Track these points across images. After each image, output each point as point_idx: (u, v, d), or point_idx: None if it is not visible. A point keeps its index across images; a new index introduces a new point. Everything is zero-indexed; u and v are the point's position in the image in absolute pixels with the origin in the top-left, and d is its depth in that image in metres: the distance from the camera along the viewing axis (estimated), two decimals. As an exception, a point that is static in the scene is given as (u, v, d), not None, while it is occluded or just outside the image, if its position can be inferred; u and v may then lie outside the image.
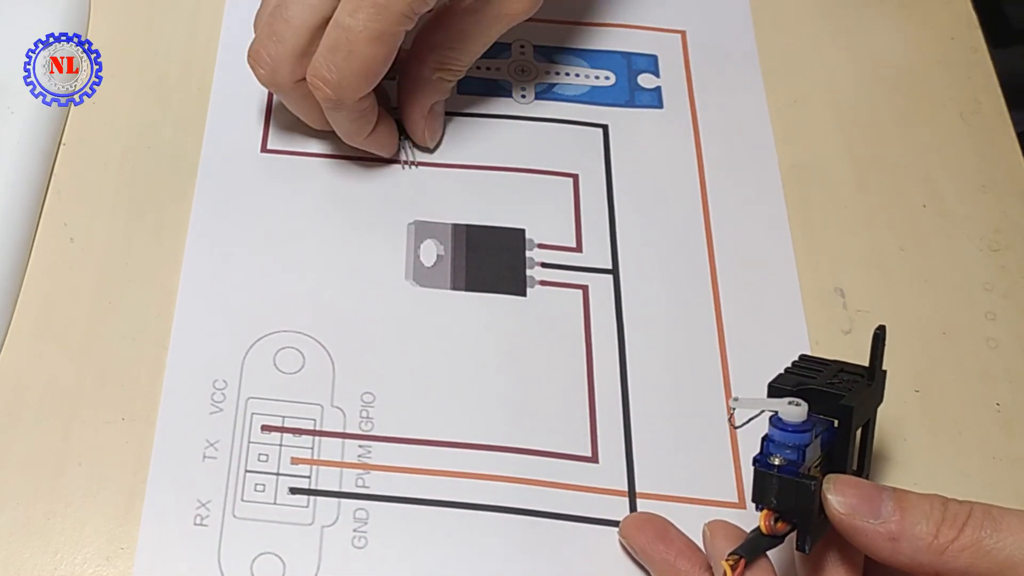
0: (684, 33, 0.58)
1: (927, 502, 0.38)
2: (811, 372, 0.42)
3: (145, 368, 0.47)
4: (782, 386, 0.41)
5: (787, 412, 0.39)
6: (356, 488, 0.45)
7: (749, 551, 0.39)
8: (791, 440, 0.39)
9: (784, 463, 0.39)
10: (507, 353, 0.48)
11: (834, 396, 0.40)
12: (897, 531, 0.37)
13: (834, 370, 0.43)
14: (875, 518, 0.38)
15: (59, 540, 0.43)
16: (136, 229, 0.51)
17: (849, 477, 0.39)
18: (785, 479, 0.39)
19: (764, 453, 0.40)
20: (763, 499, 0.39)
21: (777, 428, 0.40)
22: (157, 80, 0.55)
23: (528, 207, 0.52)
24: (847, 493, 0.38)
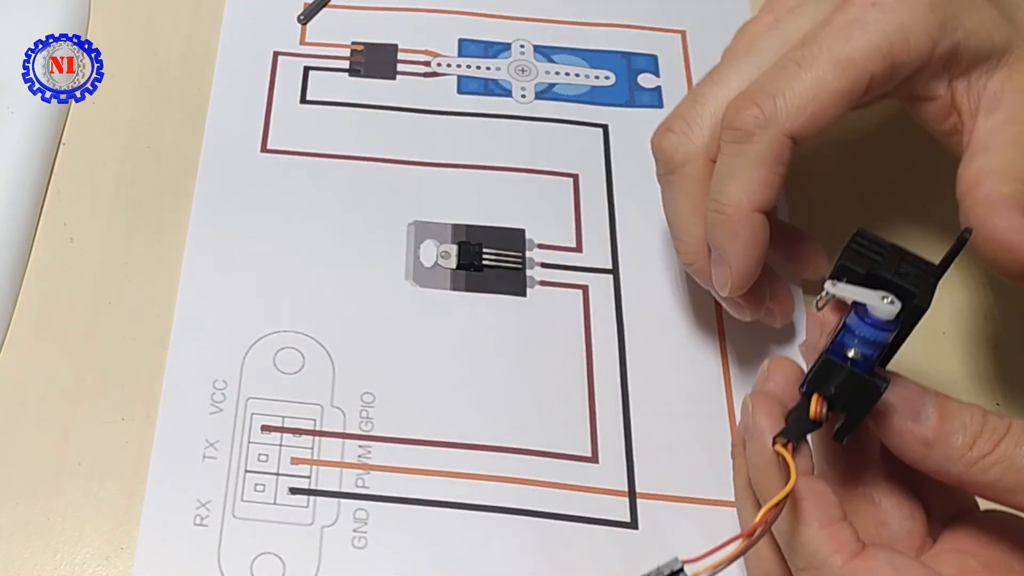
0: (684, 33, 0.58)
1: (968, 412, 0.37)
2: (875, 255, 0.39)
3: (145, 368, 0.47)
4: (854, 267, 0.39)
5: (879, 308, 0.37)
6: (356, 488, 0.45)
7: (796, 435, 0.38)
8: (873, 336, 0.37)
9: (859, 358, 0.37)
10: (507, 353, 0.48)
11: (906, 292, 0.38)
12: (933, 438, 0.37)
13: (896, 257, 0.39)
14: (913, 420, 0.37)
15: (59, 540, 0.43)
16: (136, 229, 0.51)
17: (900, 377, 0.38)
18: (856, 374, 0.37)
19: (839, 343, 0.37)
20: (820, 386, 0.37)
21: (862, 320, 0.37)
22: (157, 80, 0.55)
23: (528, 207, 0.52)
24: (895, 394, 0.37)
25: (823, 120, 0.42)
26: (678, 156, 0.44)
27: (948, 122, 0.45)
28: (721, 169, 0.43)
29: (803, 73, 0.42)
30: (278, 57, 0.56)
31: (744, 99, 0.42)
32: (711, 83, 0.45)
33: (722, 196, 0.43)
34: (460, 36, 0.58)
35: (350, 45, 0.57)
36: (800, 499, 0.37)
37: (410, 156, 0.53)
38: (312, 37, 0.57)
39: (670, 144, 0.45)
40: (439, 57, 0.57)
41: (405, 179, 0.53)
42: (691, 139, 0.44)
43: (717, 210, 0.43)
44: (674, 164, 0.45)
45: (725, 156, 0.43)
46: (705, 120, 0.44)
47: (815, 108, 0.42)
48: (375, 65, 0.56)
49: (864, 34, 0.42)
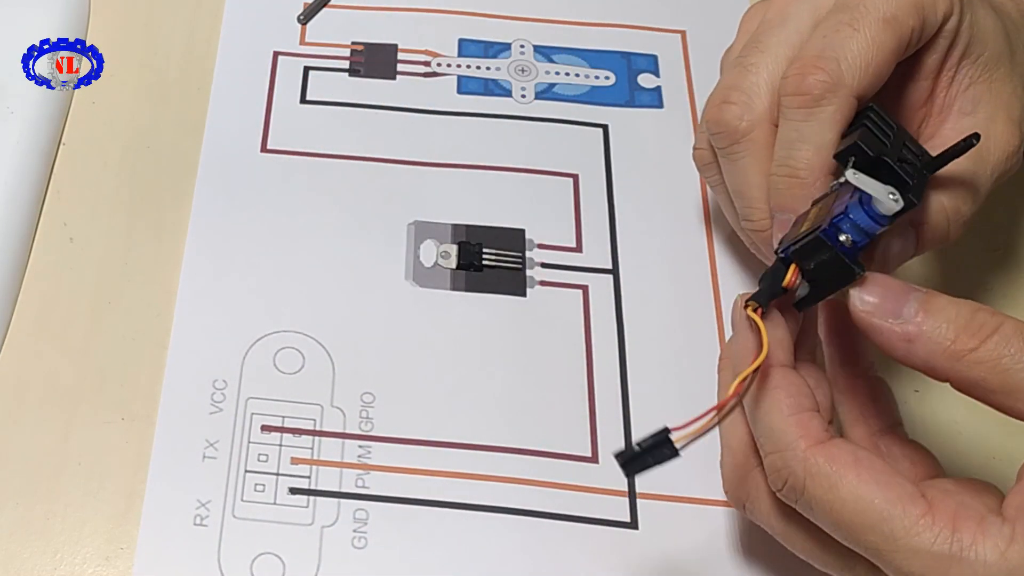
0: (684, 33, 0.58)
1: (955, 307, 0.36)
2: (883, 135, 0.41)
3: (145, 368, 0.47)
4: (867, 148, 0.40)
5: (884, 203, 0.38)
6: (356, 488, 0.45)
7: (765, 299, 0.39)
8: (868, 226, 0.38)
9: (849, 244, 0.38)
10: (507, 353, 0.48)
11: (903, 182, 0.39)
12: (915, 333, 0.36)
13: (900, 140, 0.41)
14: (895, 317, 0.37)
15: (59, 540, 0.43)
16: (136, 229, 0.51)
17: (883, 276, 0.38)
18: (839, 257, 0.38)
19: (834, 226, 0.38)
20: (803, 259, 0.39)
21: (863, 209, 0.38)
22: (157, 80, 0.55)
23: (528, 207, 0.52)
24: (874, 292, 0.37)
25: (882, 78, 0.43)
26: (743, 124, 0.44)
27: (917, 114, 0.45)
28: (789, 134, 0.43)
29: (858, 35, 0.42)
30: (278, 57, 0.56)
31: (806, 64, 0.43)
32: (757, 52, 0.45)
33: (793, 160, 0.43)
34: (460, 36, 0.58)
35: (350, 45, 0.57)
36: (773, 387, 0.38)
37: (410, 156, 0.53)
38: (312, 37, 0.57)
39: (732, 115, 0.45)
40: (439, 57, 0.57)
41: (405, 179, 0.53)
42: (753, 107, 0.44)
43: (790, 174, 0.43)
44: (739, 133, 0.45)
45: (793, 121, 0.43)
46: (762, 87, 0.44)
47: (875, 67, 0.42)
48: (375, 65, 0.56)
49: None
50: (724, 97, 0.45)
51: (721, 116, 0.45)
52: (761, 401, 0.38)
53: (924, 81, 0.45)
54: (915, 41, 0.43)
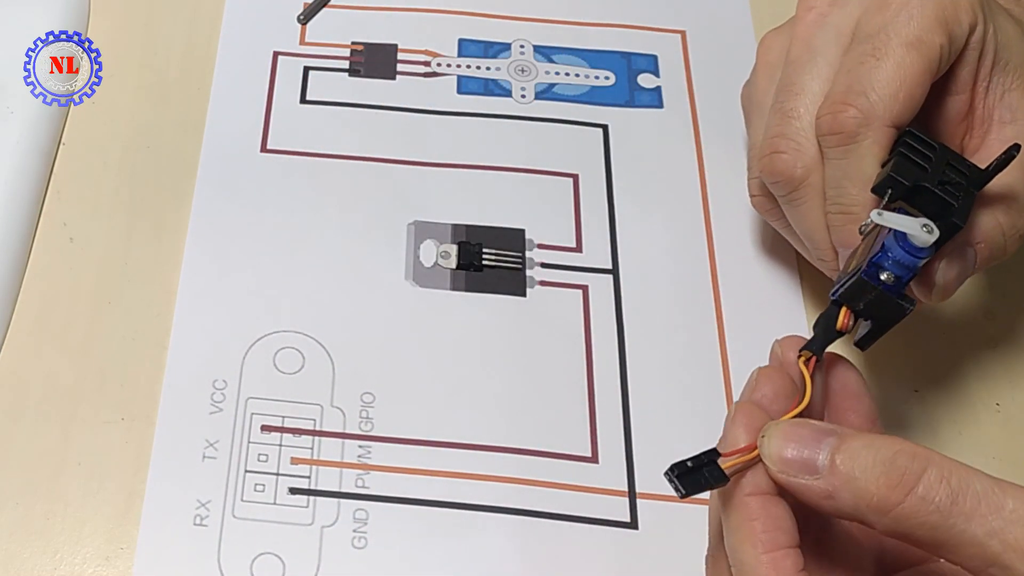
0: (684, 33, 0.58)
1: (871, 453, 0.34)
2: (922, 159, 0.40)
3: (145, 368, 0.47)
4: (901, 179, 0.40)
5: (918, 237, 0.38)
6: (356, 488, 0.45)
7: (820, 346, 0.39)
8: (907, 261, 0.38)
9: (891, 280, 0.38)
10: (507, 353, 0.48)
11: (943, 203, 0.39)
12: (831, 488, 0.34)
13: (942, 160, 0.41)
14: (810, 474, 0.35)
15: (59, 540, 0.43)
16: (136, 229, 0.51)
17: (790, 424, 0.36)
18: (885, 296, 0.38)
19: (874, 263, 0.38)
20: (851, 301, 0.39)
21: (900, 245, 0.38)
22: (157, 80, 0.55)
23: (528, 207, 0.52)
24: (782, 449, 0.35)
25: (914, 101, 0.42)
26: (799, 171, 0.44)
27: (959, 129, 0.45)
28: (834, 173, 0.43)
29: (882, 64, 0.42)
30: (278, 57, 0.56)
31: (835, 103, 0.43)
32: (793, 95, 0.45)
33: (843, 198, 0.43)
34: (460, 36, 0.58)
35: (350, 45, 0.57)
36: (752, 519, 0.36)
37: (410, 156, 0.53)
38: (312, 37, 0.57)
39: (786, 164, 0.44)
40: (439, 57, 0.57)
41: (405, 179, 0.53)
42: (804, 152, 0.44)
43: (842, 211, 0.43)
44: (796, 180, 0.45)
45: (834, 160, 0.43)
46: (808, 131, 0.44)
47: (905, 93, 0.42)
48: (375, 65, 0.56)
49: (922, 9, 0.42)
50: (773, 147, 0.45)
51: (775, 167, 0.45)
52: (737, 529, 0.36)
53: (960, 95, 0.44)
54: (946, 58, 0.43)
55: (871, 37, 0.43)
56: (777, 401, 0.38)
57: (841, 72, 0.43)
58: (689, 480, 0.36)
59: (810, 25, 0.46)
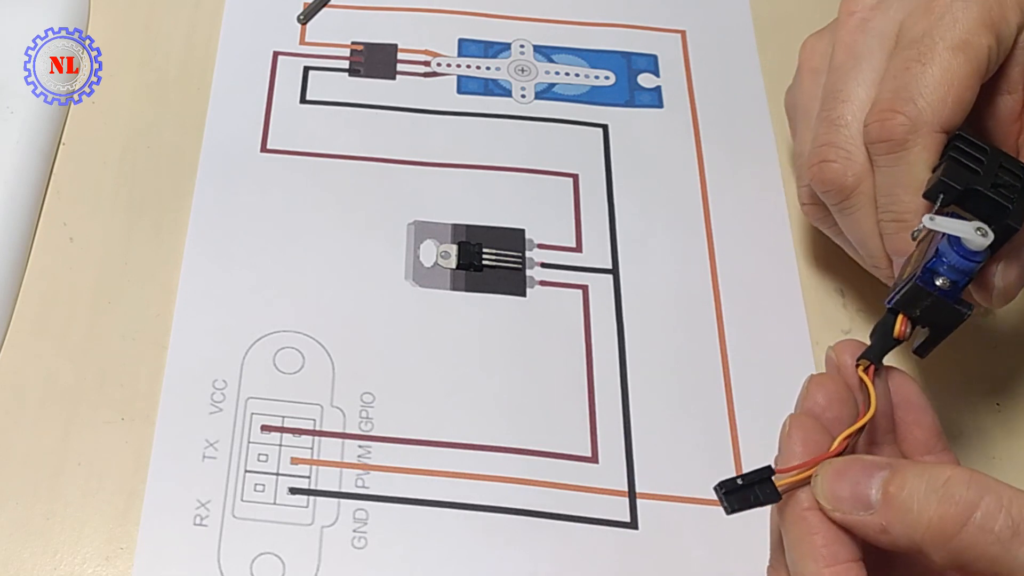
0: (684, 33, 0.58)
1: (923, 482, 0.33)
2: (973, 163, 0.40)
3: (145, 368, 0.47)
4: (952, 183, 0.39)
5: (972, 240, 0.38)
6: (356, 488, 0.45)
7: (878, 354, 0.38)
8: (962, 265, 0.38)
9: (947, 285, 0.38)
10: (507, 353, 0.48)
11: (997, 205, 0.39)
12: (885, 522, 0.34)
13: (994, 162, 0.40)
14: (865, 509, 0.34)
15: (58, 540, 0.43)
16: (135, 229, 0.51)
17: (840, 463, 0.35)
18: (942, 301, 0.38)
19: (929, 269, 0.38)
20: (907, 308, 0.38)
21: (954, 250, 0.38)
22: (157, 79, 0.55)
23: (528, 207, 0.52)
24: (836, 486, 0.35)
25: (963, 105, 0.42)
26: (849, 180, 0.44)
27: (1012, 129, 0.44)
28: (885, 180, 0.43)
29: (929, 68, 0.42)
30: (278, 57, 0.56)
31: (883, 110, 0.42)
32: (840, 102, 0.45)
33: (895, 205, 0.43)
34: (460, 36, 0.58)
35: (350, 45, 0.57)
36: (812, 533, 0.36)
37: (410, 156, 0.53)
38: (312, 37, 0.57)
39: (836, 173, 0.44)
40: (439, 57, 0.57)
41: (405, 179, 0.53)
42: (854, 160, 0.44)
43: (895, 219, 0.43)
44: (848, 188, 0.44)
45: (885, 168, 0.43)
46: (857, 139, 0.44)
47: (954, 97, 0.42)
48: (375, 65, 0.56)
49: (967, 11, 0.42)
50: (823, 156, 0.45)
51: (825, 175, 0.44)
52: (798, 543, 0.36)
53: (1012, 95, 0.44)
54: (995, 59, 0.42)
55: (916, 42, 0.43)
56: (831, 408, 0.37)
57: (887, 78, 0.43)
58: (737, 497, 0.36)
59: (853, 30, 0.46)
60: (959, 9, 0.42)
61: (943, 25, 0.42)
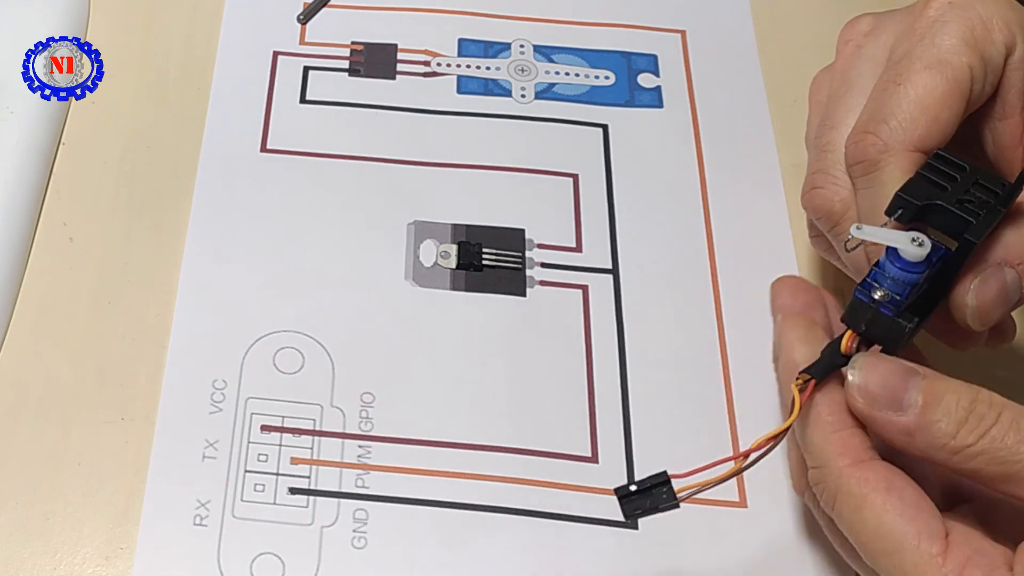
0: (684, 33, 0.58)
1: (955, 396, 0.36)
2: (944, 180, 0.39)
3: (145, 368, 0.47)
4: (910, 198, 0.39)
5: (908, 251, 0.37)
6: (356, 488, 0.45)
7: (821, 371, 0.38)
8: (901, 277, 0.37)
9: (886, 298, 0.37)
10: (507, 353, 0.48)
11: (961, 221, 0.38)
12: (914, 427, 0.36)
13: (969, 180, 0.39)
14: (894, 410, 0.37)
15: (58, 540, 0.43)
16: (135, 229, 0.51)
17: (877, 360, 0.37)
18: (882, 315, 0.37)
19: (868, 281, 0.38)
20: (852, 322, 0.38)
21: (891, 261, 0.37)
22: (157, 80, 0.55)
23: (528, 207, 0.52)
24: (870, 381, 0.37)
25: (941, 124, 0.42)
26: (837, 206, 0.44)
27: (1016, 152, 0.44)
28: (864, 202, 0.43)
29: (903, 88, 0.42)
30: (278, 57, 0.56)
31: (858, 132, 0.43)
32: (829, 129, 0.45)
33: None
34: (460, 36, 0.58)
35: (350, 45, 0.57)
36: (816, 404, 0.38)
37: (410, 156, 0.53)
38: (312, 37, 0.57)
39: (824, 199, 0.44)
40: (439, 57, 0.57)
41: (405, 179, 0.53)
42: (840, 186, 0.44)
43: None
44: (837, 214, 0.44)
45: (863, 190, 0.43)
46: (844, 164, 0.44)
47: (928, 116, 0.42)
48: (375, 65, 0.56)
49: (946, 31, 0.42)
50: (812, 183, 0.45)
51: (815, 202, 0.45)
52: (806, 416, 0.38)
53: (1011, 119, 0.44)
54: (980, 78, 0.42)
55: (896, 63, 0.43)
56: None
57: (868, 101, 0.43)
58: (633, 504, 0.37)
59: (848, 58, 0.46)
60: (939, 29, 0.42)
61: (922, 45, 0.42)
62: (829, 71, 0.47)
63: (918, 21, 0.43)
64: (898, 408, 0.37)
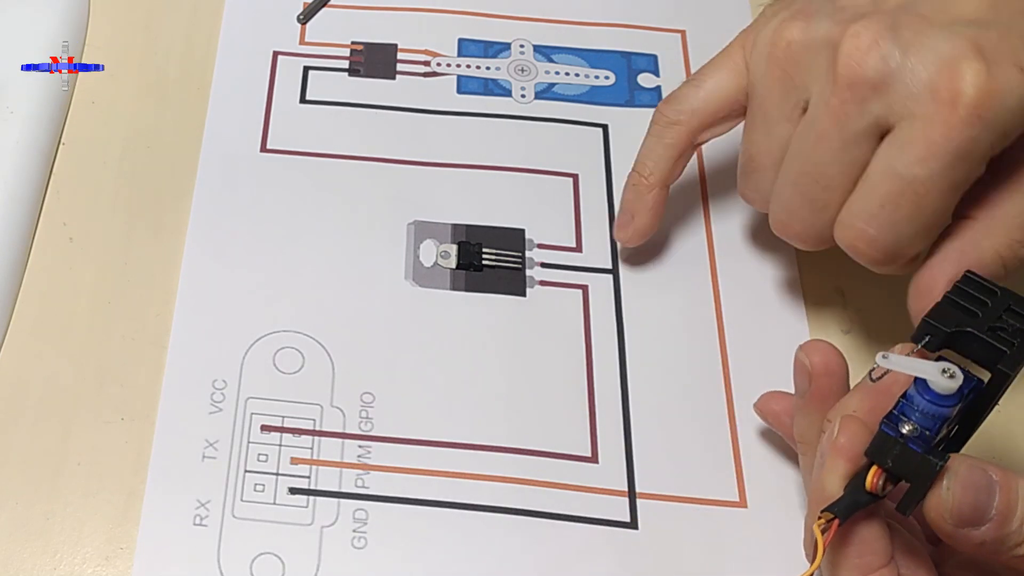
0: (684, 33, 0.58)
1: (1022, 501, 0.35)
2: (974, 305, 0.37)
3: (145, 368, 0.47)
4: (938, 324, 0.36)
5: (938, 383, 0.34)
6: (355, 488, 0.45)
7: (845, 511, 0.36)
8: (931, 411, 0.35)
9: (915, 432, 0.35)
10: (507, 353, 0.48)
11: (994, 351, 0.35)
12: (990, 539, 0.35)
13: (1001, 305, 0.37)
14: (977, 526, 0.35)
15: (58, 540, 0.43)
16: (135, 229, 0.51)
17: (970, 474, 0.35)
18: (910, 451, 0.35)
19: (896, 414, 0.35)
20: (878, 458, 0.35)
21: (920, 394, 0.35)
22: (157, 80, 0.55)
23: (528, 207, 0.52)
24: (964, 502, 0.35)
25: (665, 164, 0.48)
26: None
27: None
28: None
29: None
30: (278, 57, 0.56)
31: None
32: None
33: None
34: (460, 36, 0.58)
35: (350, 45, 0.57)
36: (847, 544, 0.37)
37: (410, 156, 0.53)
38: (312, 37, 0.57)
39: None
40: (439, 57, 0.57)
41: (405, 179, 0.53)
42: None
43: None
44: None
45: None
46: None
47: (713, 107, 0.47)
48: (375, 65, 0.56)
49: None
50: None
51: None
52: (835, 558, 0.37)
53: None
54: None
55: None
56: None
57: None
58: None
59: None
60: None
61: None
62: None
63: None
64: (980, 524, 0.35)
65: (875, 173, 0.41)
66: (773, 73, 0.44)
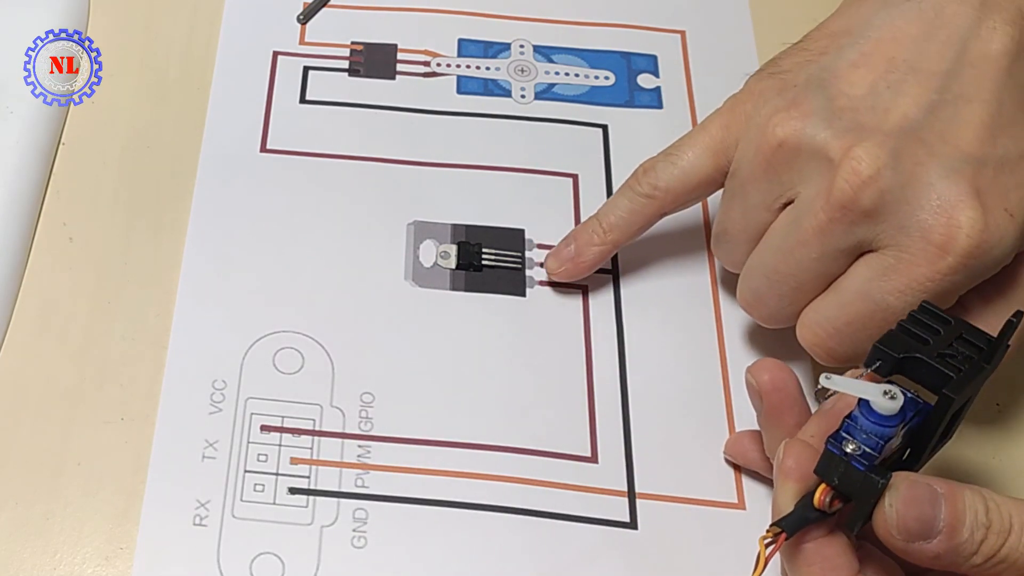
0: (684, 33, 0.58)
1: (972, 513, 0.35)
2: (927, 332, 0.38)
3: (144, 368, 0.47)
4: (887, 350, 0.37)
5: (879, 403, 0.36)
6: (355, 488, 0.45)
7: (792, 525, 0.37)
8: (874, 431, 0.36)
9: (858, 452, 0.36)
10: (507, 353, 0.48)
11: (941, 376, 0.37)
12: (943, 551, 0.35)
13: (953, 334, 0.38)
14: (927, 539, 0.35)
15: (58, 540, 0.43)
16: (135, 229, 0.51)
17: (911, 490, 0.36)
18: (854, 469, 0.36)
19: (840, 434, 0.36)
20: (825, 475, 0.36)
21: (863, 414, 0.36)
22: (156, 79, 0.55)
23: (528, 207, 0.52)
24: (909, 516, 0.35)
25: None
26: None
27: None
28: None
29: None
30: (278, 57, 0.56)
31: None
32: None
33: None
34: (460, 36, 0.58)
35: (350, 45, 0.57)
36: (810, 563, 0.37)
37: (410, 156, 0.53)
38: (312, 37, 0.57)
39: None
40: (439, 57, 0.57)
41: (405, 179, 0.53)
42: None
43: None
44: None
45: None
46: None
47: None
48: (375, 65, 0.56)
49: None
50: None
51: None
52: (798, 573, 0.38)
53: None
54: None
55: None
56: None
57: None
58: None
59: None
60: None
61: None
62: None
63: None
64: (929, 537, 0.36)
65: (848, 291, 0.42)
66: (760, 164, 0.43)
